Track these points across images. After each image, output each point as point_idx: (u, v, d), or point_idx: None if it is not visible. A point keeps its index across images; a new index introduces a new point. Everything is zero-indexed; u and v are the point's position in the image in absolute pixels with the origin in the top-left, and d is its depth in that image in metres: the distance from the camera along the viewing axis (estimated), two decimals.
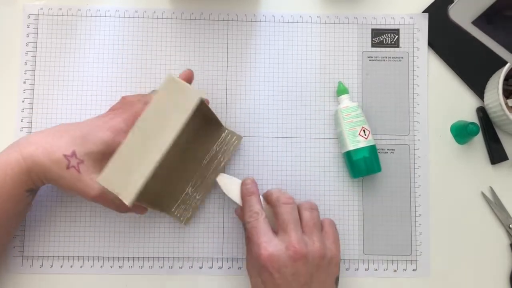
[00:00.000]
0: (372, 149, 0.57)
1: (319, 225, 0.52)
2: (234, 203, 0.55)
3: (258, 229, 0.50)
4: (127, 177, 0.45)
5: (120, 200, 0.45)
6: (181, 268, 0.58)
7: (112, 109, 0.55)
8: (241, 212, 0.54)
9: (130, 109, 0.53)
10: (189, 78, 0.54)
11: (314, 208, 0.53)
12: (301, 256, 0.48)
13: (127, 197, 0.45)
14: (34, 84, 0.59)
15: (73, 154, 0.48)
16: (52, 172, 0.48)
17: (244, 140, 0.60)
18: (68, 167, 0.48)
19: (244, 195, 0.54)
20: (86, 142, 0.49)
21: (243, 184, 0.54)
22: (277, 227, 0.51)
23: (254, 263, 0.50)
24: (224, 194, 0.56)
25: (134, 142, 0.46)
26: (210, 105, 0.58)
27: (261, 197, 0.54)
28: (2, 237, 0.52)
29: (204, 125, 0.55)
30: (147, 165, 0.45)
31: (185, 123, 0.46)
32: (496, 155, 0.60)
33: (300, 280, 0.48)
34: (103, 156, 0.49)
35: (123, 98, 0.56)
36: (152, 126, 0.46)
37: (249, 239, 0.52)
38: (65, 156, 0.48)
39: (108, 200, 0.50)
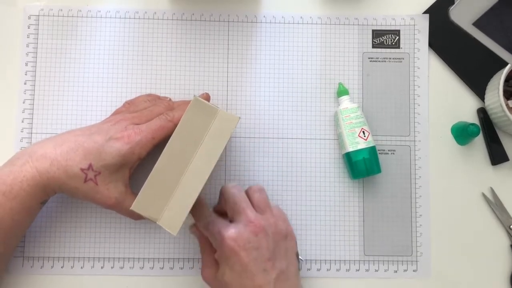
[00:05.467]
0: (372, 151, 0.57)
1: (269, 205, 0.52)
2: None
3: (214, 222, 0.50)
4: (163, 203, 0.46)
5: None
6: (181, 269, 0.58)
7: (116, 112, 0.56)
8: (195, 228, 0.54)
9: (135, 109, 0.53)
10: (206, 100, 0.55)
11: (262, 189, 0.53)
12: (261, 230, 0.48)
13: (173, 229, 0.46)
14: (34, 85, 0.59)
15: (90, 167, 0.48)
16: (70, 186, 0.49)
17: (244, 141, 0.60)
18: (85, 181, 0.48)
19: (193, 209, 0.51)
20: (102, 154, 0.49)
21: None
22: (230, 215, 0.51)
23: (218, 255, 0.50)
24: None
25: (165, 166, 0.46)
26: None
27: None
28: (12, 246, 0.52)
29: None
30: (189, 195, 0.46)
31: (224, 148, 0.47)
32: (496, 156, 0.60)
33: (264, 255, 0.48)
34: (119, 167, 0.50)
35: (126, 102, 0.57)
36: (182, 149, 0.47)
37: (204, 242, 0.52)
38: (82, 170, 0.48)
39: (123, 209, 0.51)
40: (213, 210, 0.55)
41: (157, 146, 0.51)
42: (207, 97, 0.56)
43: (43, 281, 0.57)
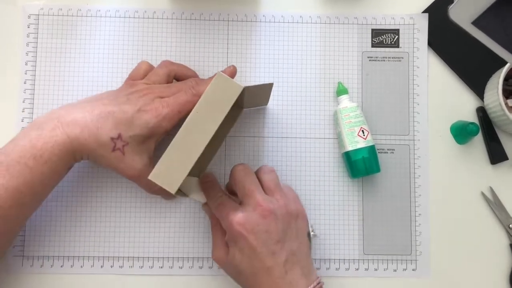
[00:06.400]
0: (371, 150, 0.57)
1: (280, 186, 0.52)
2: (199, 203, 0.56)
3: (223, 205, 0.51)
4: (180, 175, 0.46)
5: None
6: (181, 268, 0.58)
7: (132, 78, 0.56)
8: (207, 207, 0.54)
9: (157, 79, 0.54)
10: (233, 74, 0.56)
11: (272, 170, 0.53)
12: (270, 213, 0.48)
13: (172, 189, 0.46)
14: (34, 84, 0.60)
15: (119, 136, 0.49)
16: (97, 153, 0.50)
17: (243, 140, 0.60)
18: (113, 150, 0.50)
19: (205, 189, 0.53)
20: (131, 125, 0.50)
21: (202, 180, 0.54)
22: (239, 197, 0.51)
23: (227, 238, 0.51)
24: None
25: (182, 137, 0.46)
26: None
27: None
28: (34, 208, 0.52)
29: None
30: (190, 158, 0.46)
31: (226, 114, 0.47)
32: (496, 155, 0.60)
33: (273, 238, 0.48)
34: (146, 139, 0.51)
35: (142, 62, 0.57)
36: (200, 121, 0.47)
37: (215, 222, 0.53)
38: (111, 139, 0.49)
39: (144, 182, 0.52)
40: (225, 188, 0.56)
41: (183, 120, 0.50)
42: (233, 71, 0.56)
43: (43, 280, 0.57)
